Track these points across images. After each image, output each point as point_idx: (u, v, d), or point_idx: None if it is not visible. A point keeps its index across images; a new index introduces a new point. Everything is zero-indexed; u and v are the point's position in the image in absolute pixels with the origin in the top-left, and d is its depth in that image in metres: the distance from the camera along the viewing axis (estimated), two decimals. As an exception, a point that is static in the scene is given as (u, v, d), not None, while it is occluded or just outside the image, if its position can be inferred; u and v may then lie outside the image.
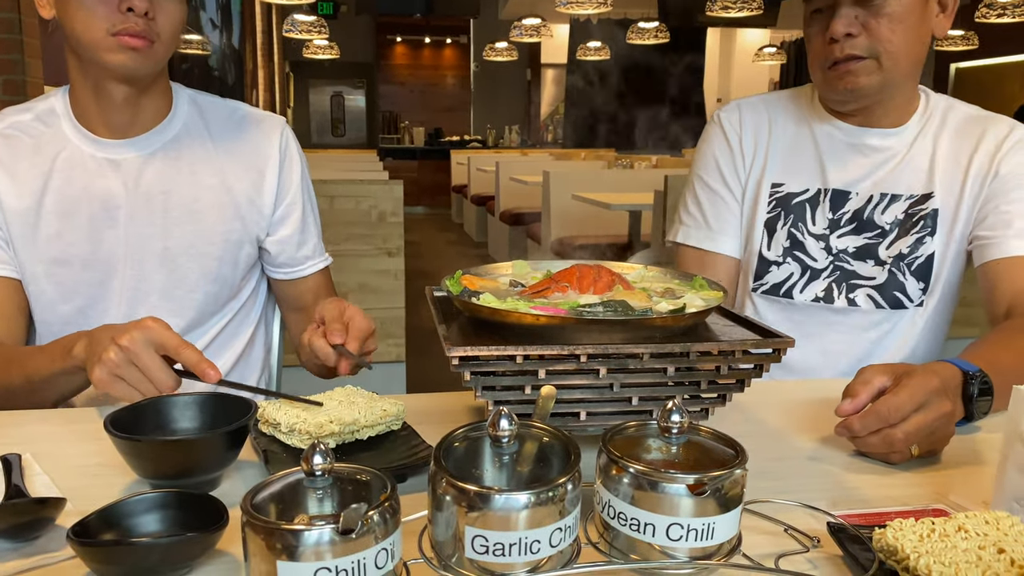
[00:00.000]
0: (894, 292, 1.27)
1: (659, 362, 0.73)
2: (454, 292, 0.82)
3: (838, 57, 1.18)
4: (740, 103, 1.41)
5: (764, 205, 1.33)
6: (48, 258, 1.16)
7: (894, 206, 1.27)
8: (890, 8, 1.15)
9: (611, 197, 4.42)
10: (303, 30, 8.02)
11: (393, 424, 0.85)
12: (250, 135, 1.26)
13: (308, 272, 1.32)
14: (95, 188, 1.16)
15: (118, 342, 0.87)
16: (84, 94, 1.16)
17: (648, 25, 8.06)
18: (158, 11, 1.08)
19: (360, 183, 3.29)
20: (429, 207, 12.15)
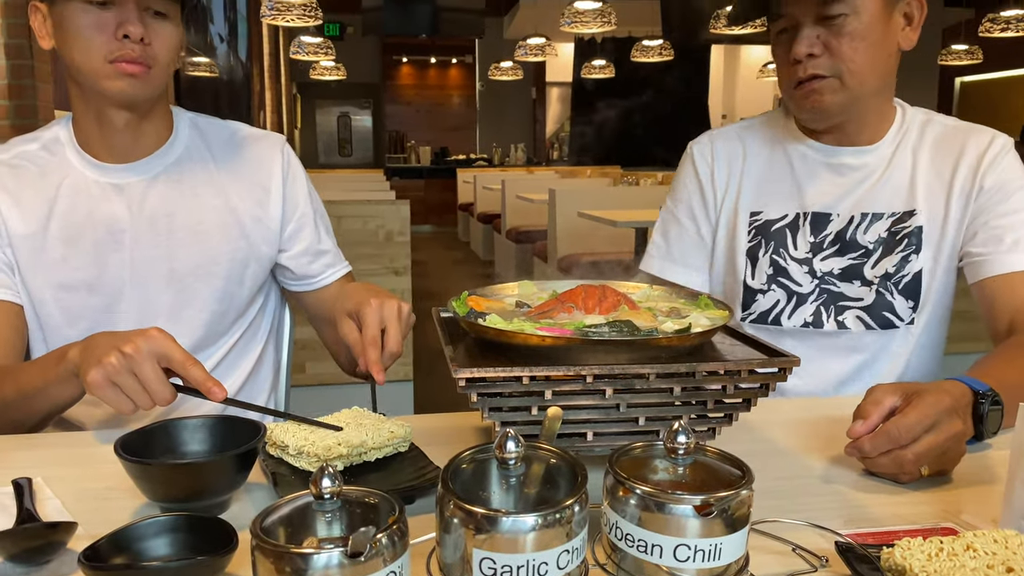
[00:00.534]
0: (883, 312, 1.25)
1: (665, 382, 0.73)
2: (460, 313, 0.83)
3: (802, 77, 1.18)
4: (713, 134, 1.41)
5: (744, 235, 1.32)
6: (55, 283, 1.17)
7: (876, 225, 1.26)
8: (851, 27, 1.15)
9: (617, 214, 4.43)
10: (310, 52, 8.11)
11: (400, 446, 0.86)
12: (251, 154, 1.28)
13: (330, 280, 1.33)
14: (99, 213, 1.17)
15: (121, 348, 0.85)
16: (86, 121, 1.18)
17: (652, 43, 8.11)
18: (154, 37, 1.11)
19: (367, 203, 3.31)
20: (436, 225, 12.19)
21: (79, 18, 1.08)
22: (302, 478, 0.79)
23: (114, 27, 1.08)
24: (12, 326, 1.16)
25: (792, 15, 1.18)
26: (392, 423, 0.87)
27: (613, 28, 6.37)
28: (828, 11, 1.14)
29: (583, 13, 6.22)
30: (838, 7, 1.14)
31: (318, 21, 6.01)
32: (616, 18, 6.30)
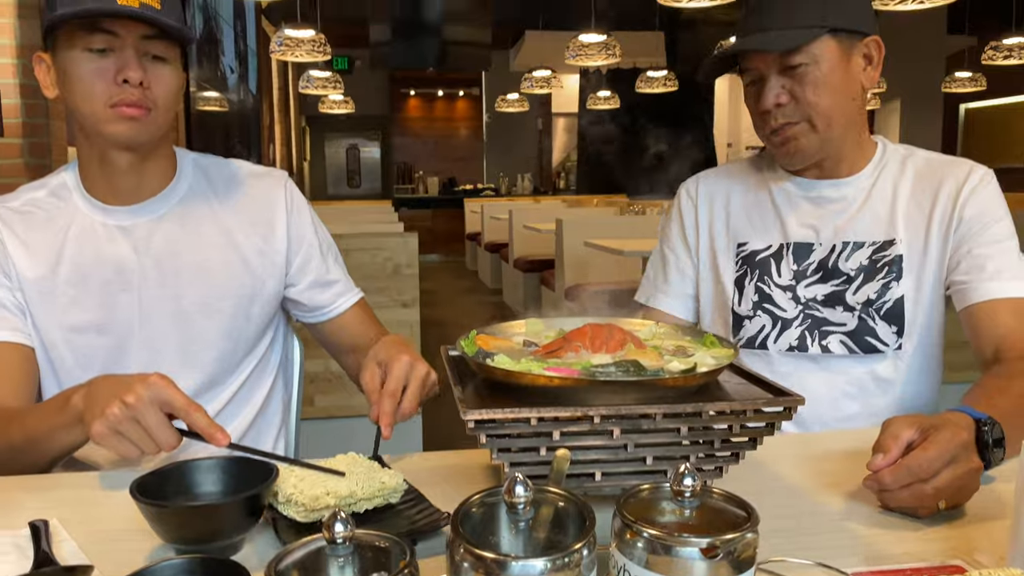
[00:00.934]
0: (865, 337, 1.29)
1: (672, 422, 0.74)
2: (469, 353, 0.84)
3: (774, 126, 1.26)
4: (701, 175, 1.49)
5: (732, 265, 1.39)
6: (66, 325, 1.19)
7: (857, 253, 1.31)
8: (812, 75, 1.22)
9: (623, 243, 4.45)
10: (319, 86, 8.22)
11: (391, 497, 0.84)
12: (254, 191, 1.31)
13: (342, 309, 1.35)
14: (106, 255, 1.20)
15: (123, 398, 0.87)
16: (91, 165, 1.21)
17: (657, 74, 8.19)
18: (153, 81, 1.13)
19: (376, 236, 3.34)
20: (444, 255, 12.25)
21: (81, 65, 1.11)
22: (303, 527, 0.79)
23: (114, 72, 1.11)
24: (23, 369, 1.18)
25: (757, 68, 1.25)
26: (385, 473, 0.86)
27: (618, 60, 6.44)
28: (789, 62, 1.22)
29: (588, 46, 6.30)
30: (798, 58, 1.21)
31: (327, 56, 6.12)
32: (620, 50, 6.38)
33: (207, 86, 6.29)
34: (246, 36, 8.33)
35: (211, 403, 1.26)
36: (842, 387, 1.31)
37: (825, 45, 1.21)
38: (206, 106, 6.33)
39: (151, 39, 1.13)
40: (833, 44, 1.22)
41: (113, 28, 1.10)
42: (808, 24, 1.20)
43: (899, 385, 1.31)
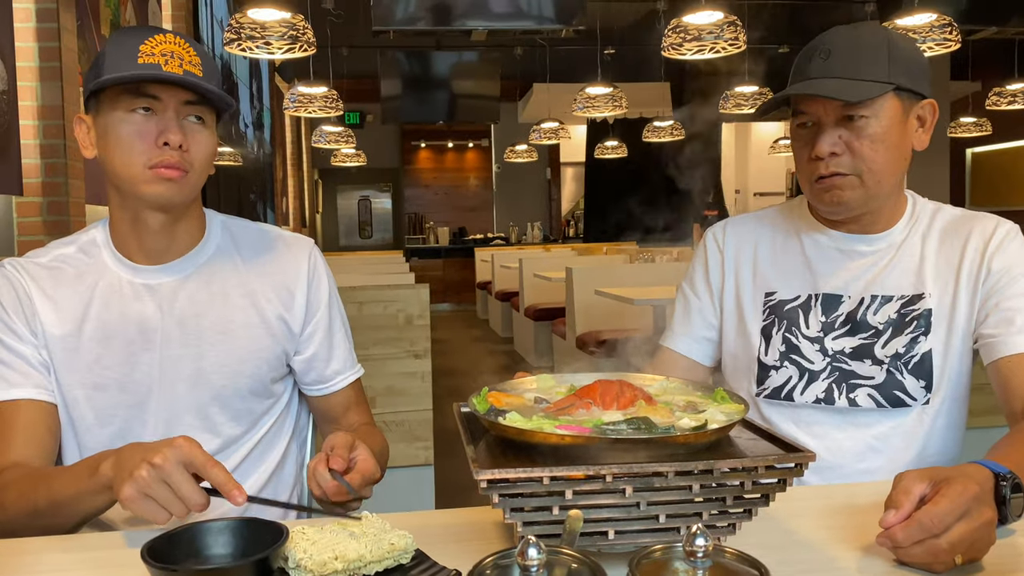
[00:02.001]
0: (894, 391, 1.28)
1: (684, 480, 0.75)
2: (481, 411, 0.85)
3: (823, 173, 1.24)
4: (729, 221, 1.49)
5: (759, 314, 1.38)
6: (88, 383, 1.20)
7: (886, 307, 1.30)
8: (871, 129, 1.21)
9: (634, 292, 4.46)
10: (331, 140, 8.37)
11: (401, 558, 0.84)
12: (280, 256, 1.32)
13: (338, 387, 1.36)
14: (131, 313, 1.21)
15: (151, 461, 0.89)
16: (123, 224, 1.23)
17: (663, 123, 8.30)
18: (191, 143, 1.16)
19: (387, 288, 3.36)
20: (455, 304, 12.29)
21: (122, 127, 1.14)
22: None
23: (155, 135, 1.14)
24: (47, 426, 1.19)
25: (815, 113, 1.24)
26: (394, 534, 0.85)
27: (624, 111, 6.54)
28: (851, 112, 1.21)
29: (595, 97, 6.41)
30: (861, 111, 1.20)
31: (339, 112, 6.24)
32: (627, 101, 6.48)
33: (223, 142, 6.42)
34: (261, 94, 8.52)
35: (226, 463, 1.26)
36: (868, 441, 1.29)
37: (888, 101, 1.21)
38: (222, 161, 6.45)
39: (192, 104, 1.16)
40: (896, 102, 1.22)
41: (157, 92, 1.14)
42: (875, 79, 1.20)
43: (925, 439, 1.29)
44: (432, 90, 8.95)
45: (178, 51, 1.14)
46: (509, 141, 11.32)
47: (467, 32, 7.22)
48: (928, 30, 4.31)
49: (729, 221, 1.49)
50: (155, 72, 1.11)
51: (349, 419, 1.38)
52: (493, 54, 8.78)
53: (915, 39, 4.34)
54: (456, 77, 8.93)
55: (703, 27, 4.24)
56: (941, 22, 4.32)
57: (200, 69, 1.15)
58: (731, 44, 4.24)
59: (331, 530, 0.85)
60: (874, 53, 1.21)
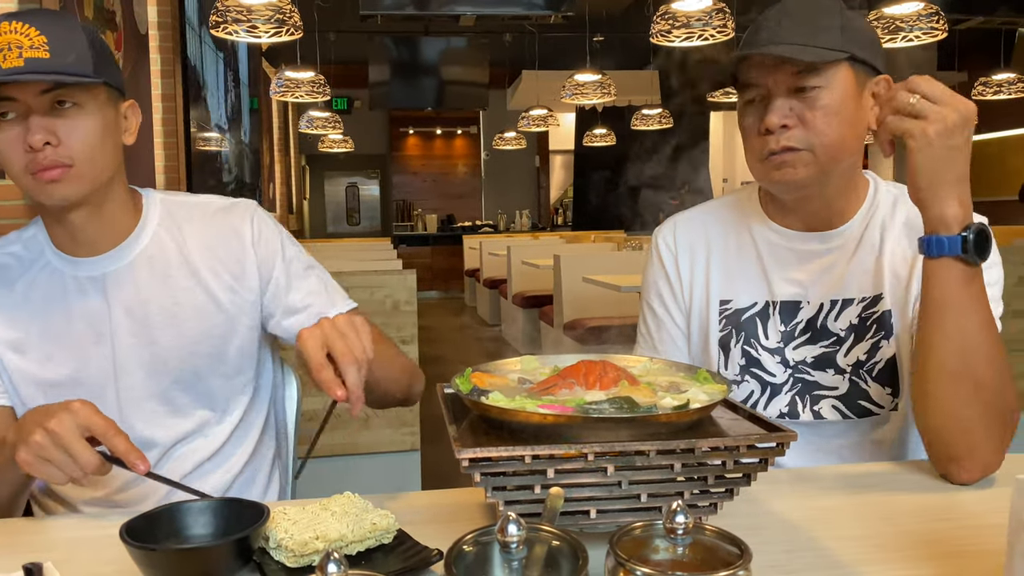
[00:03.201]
0: (859, 401, 1.22)
1: (665, 459, 0.75)
2: (464, 390, 0.85)
3: (774, 148, 1.15)
4: (677, 220, 1.39)
5: (716, 325, 1.30)
6: (43, 381, 1.18)
7: (847, 311, 1.23)
8: (825, 100, 1.13)
9: (621, 279, 4.46)
10: (318, 126, 8.32)
11: (383, 538, 0.84)
12: (222, 227, 1.26)
13: None
14: (78, 308, 1.18)
15: (45, 425, 0.90)
16: (49, 222, 1.19)
17: (652, 111, 8.30)
18: (66, 135, 1.08)
19: (374, 274, 3.35)
20: (443, 291, 12.28)
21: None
22: (291, 572, 0.78)
23: (23, 140, 1.06)
24: (5, 427, 1.15)
25: (764, 85, 1.16)
26: (376, 514, 0.85)
27: (613, 98, 6.53)
28: (802, 83, 1.13)
29: (583, 85, 6.39)
30: (814, 80, 1.12)
31: (326, 97, 6.20)
32: (615, 89, 6.47)
33: (207, 127, 6.36)
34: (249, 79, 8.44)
35: (201, 447, 1.25)
36: (838, 452, 1.24)
37: (842, 72, 1.13)
38: (206, 146, 6.40)
39: (53, 91, 1.06)
40: (850, 73, 1.14)
41: (8, 93, 1.05)
42: (829, 46, 1.12)
43: (898, 445, 1.24)
44: (420, 76, 8.90)
45: (16, 39, 1.03)
46: (498, 128, 11.30)
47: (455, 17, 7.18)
48: (915, 19, 4.32)
49: (677, 220, 1.39)
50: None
51: None
52: (482, 40, 8.74)
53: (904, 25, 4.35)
54: (444, 63, 8.89)
55: (691, 14, 4.23)
56: (928, 11, 4.34)
57: (46, 50, 1.04)
58: (719, 31, 4.23)
59: (312, 511, 0.85)
60: (827, 20, 1.14)
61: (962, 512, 0.97)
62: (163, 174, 4.98)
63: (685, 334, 1.35)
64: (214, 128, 6.36)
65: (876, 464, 1.18)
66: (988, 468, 1.03)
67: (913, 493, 1.03)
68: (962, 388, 1.02)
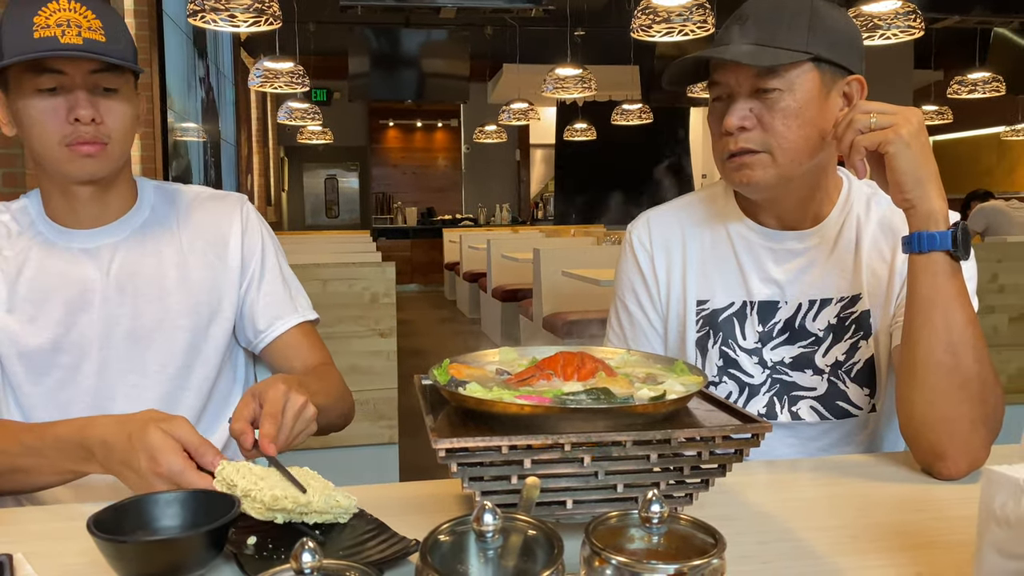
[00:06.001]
0: (837, 402, 1.21)
1: (642, 449, 0.75)
2: (441, 381, 0.84)
3: (733, 150, 1.15)
4: (650, 217, 1.37)
5: (693, 325, 1.28)
6: (23, 347, 1.19)
7: (825, 311, 1.23)
8: (784, 103, 1.11)
9: (600, 273, 4.47)
10: (297, 117, 8.25)
11: (341, 517, 0.85)
12: (213, 213, 1.33)
13: (279, 331, 1.32)
14: (71, 275, 1.21)
15: (157, 471, 0.90)
16: (53, 195, 1.23)
17: (632, 107, 8.31)
18: (105, 115, 1.15)
19: (352, 266, 3.33)
20: (422, 285, 12.25)
21: (33, 106, 1.13)
22: (266, 560, 0.78)
23: (65, 112, 1.12)
24: None
25: (727, 84, 1.15)
26: (339, 493, 0.86)
27: (594, 93, 6.53)
28: (763, 84, 1.12)
29: (564, 79, 6.39)
30: (773, 82, 1.11)
31: (305, 88, 6.15)
32: (596, 84, 6.48)
33: (185, 117, 6.29)
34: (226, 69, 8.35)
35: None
36: (815, 454, 1.24)
37: (805, 74, 1.11)
38: (183, 136, 6.32)
39: (100, 72, 1.13)
40: (815, 75, 1.12)
41: (60, 67, 1.11)
42: (792, 47, 1.10)
43: (877, 447, 1.24)
44: (401, 68, 8.84)
45: (75, 17, 1.10)
46: (478, 121, 11.27)
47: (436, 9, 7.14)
48: (893, 17, 4.36)
49: (651, 217, 1.36)
50: (53, 46, 1.08)
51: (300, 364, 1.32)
52: (463, 33, 8.70)
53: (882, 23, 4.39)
54: (425, 55, 8.84)
55: (672, 9, 4.24)
56: (906, 9, 4.38)
57: (102, 33, 1.11)
58: (699, 27, 4.25)
59: (275, 472, 0.86)
60: (793, 20, 1.11)
61: (936, 503, 0.98)
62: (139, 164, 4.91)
63: (661, 335, 1.34)
64: (191, 118, 6.29)
65: (852, 456, 1.19)
66: (975, 463, 1.03)
67: (888, 484, 1.04)
68: (950, 383, 1.02)
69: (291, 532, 0.83)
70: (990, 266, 3.66)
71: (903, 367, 1.08)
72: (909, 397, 1.07)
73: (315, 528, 0.84)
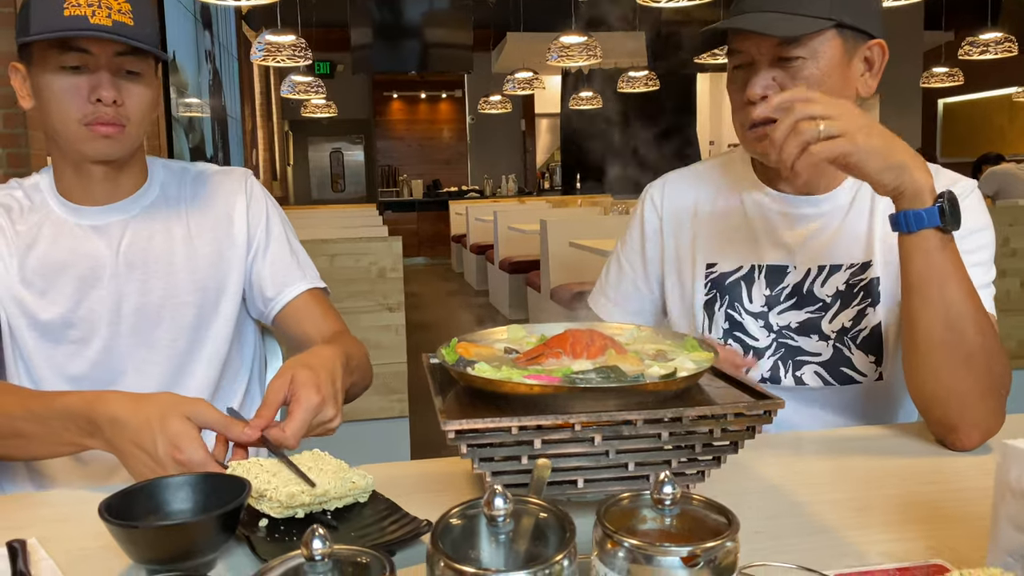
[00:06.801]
0: (841, 368, 1.20)
1: (653, 428, 0.74)
2: (450, 361, 0.84)
3: (755, 120, 1.14)
4: (667, 178, 1.39)
5: (701, 288, 1.29)
6: (35, 319, 1.20)
7: (834, 278, 1.22)
8: (808, 71, 1.11)
9: (608, 244, 4.46)
10: (300, 91, 8.19)
11: (360, 496, 0.86)
12: (217, 189, 1.34)
13: (287, 299, 1.32)
14: (82, 250, 1.22)
15: (177, 457, 0.90)
16: (66, 173, 1.24)
17: (638, 74, 8.22)
18: (126, 97, 1.16)
19: (359, 240, 3.32)
20: (429, 258, 12.24)
21: (54, 83, 1.13)
22: (279, 543, 0.78)
23: (88, 91, 1.13)
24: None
25: (748, 52, 1.14)
26: (354, 473, 0.86)
27: (599, 61, 6.45)
28: (785, 53, 1.11)
29: (569, 47, 6.31)
30: (796, 50, 1.10)
31: (308, 61, 6.09)
32: (601, 51, 6.39)
33: (188, 92, 6.24)
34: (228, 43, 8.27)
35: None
36: (821, 419, 1.23)
37: (828, 41, 1.10)
38: (188, 112, 6.29)
39: (125, 55, 1.14)
40: (837, 41, 1.11)
41: (86, 46, 1.11)
42: (814, 14, 1.08)
43: (881, 417, 1.24)
44: (403, 39, 8.76)
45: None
46: (483, 92, 11.17)
47: (438, -22, 7.04)
48: (904, -23, 4.27)
49: (667, 179, 1.38)
50: (82, 25, 1.08)
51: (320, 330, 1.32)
52: (465, 2, 8.59)
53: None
54: (428, 26, 8.75)
55: (678, -27, 4.17)
56: (917, -31, 4.29)
57: (131, 17, 1.12)
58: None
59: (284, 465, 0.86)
60: None
61: (948, 475, 0.98)
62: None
63: (644, 297, 1.37)
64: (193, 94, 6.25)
65: (861, 427, 1.19)
66: (988, 433, 1.02)
67: (899, 456, 1.03)
68: (953, 358, 1.01)
69: None
70: (1001, 230, 3.62)
71: (906, 345, 1.08)
72: (915, 374, 1.06)
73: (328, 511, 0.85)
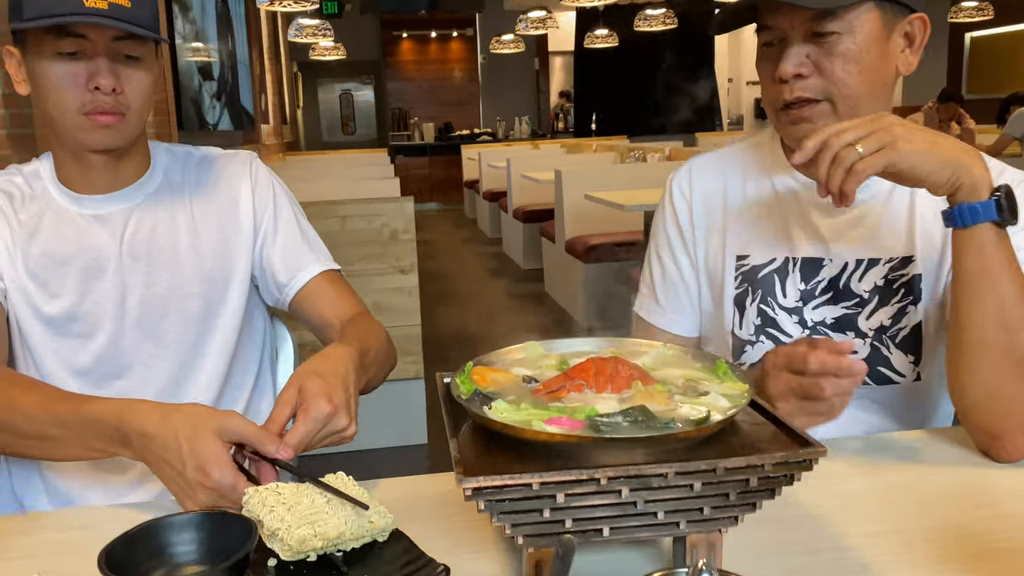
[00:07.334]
0: (878, 368, 1.14)
1: (685, 479, 0.69)
2: (465, 394, 0.78)
3: (788, 99, 1.07)
4: (692, 165, 1.30)
5: (731, 281, 1.21)
6: (39, 312, 1.17)
7: (873, 271, 1.14)
8: (844, 46, 1.04)
9: (624, 196, 4.36)
10: (308, 33, 8.00)
11: (379, 536, 0.82)
12: (222, 175, 1.30)
13: (303, 281, 1.28)
14: (85, 242, 1.18)
15: (205, 484, 0.87)
16: (65, 161, 1.19)
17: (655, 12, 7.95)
18: (126, 85, 1.11)
19: (371, 202, 3.26)
20: (442, 203, 12.12)
21: (50, 70, 1.08)
22: None
23: (85, 78, 1.08)
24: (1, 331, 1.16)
25: (780, 28, 1.07)
26: (374, 512, 0.82)
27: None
28: (820, 28, 1.03)
29: (584, -14, 6.08)
30: (831, 24, 1.03)
31: (315, 4, 5.92)
32: (618, -10, 6.16)
33: (193, 39, 6.10)
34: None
35: (191, 390, 1.23)
36: (857, 418, 1.15)
37: (866, 15, 1.03)
38: (194, 56, 6.15)
39: (123, 40, 1.09)
40: (876, 15, 1.04)
41: (83, 31, 1.07)
42: None
43: (918, 418, 1.18)
44: (412, -23, 8.49)
45: None
46: (495, 31, 10.89)
47: (447, -86, 6.76)
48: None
49: (693, 165, 1.30)
50: (77, 10, 1.03)
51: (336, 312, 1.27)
52: (476, -63, 8.29)
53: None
54: (437, -38, 8.46)
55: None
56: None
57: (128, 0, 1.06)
58: (730, -71, 3.97)
59: (307, 493, 0.82)
60: None
61: (996, 496, 0.92)
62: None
63: (694, 291, 1.28)
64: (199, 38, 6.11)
65: (899, 433, 1.13)
66: None
67: (942, 469, 0.98)
68: (1005, 362, 0.96)
69: None
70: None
71: (952, 347, 1.02)
72: (960, 377, 1.01)
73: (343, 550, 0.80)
